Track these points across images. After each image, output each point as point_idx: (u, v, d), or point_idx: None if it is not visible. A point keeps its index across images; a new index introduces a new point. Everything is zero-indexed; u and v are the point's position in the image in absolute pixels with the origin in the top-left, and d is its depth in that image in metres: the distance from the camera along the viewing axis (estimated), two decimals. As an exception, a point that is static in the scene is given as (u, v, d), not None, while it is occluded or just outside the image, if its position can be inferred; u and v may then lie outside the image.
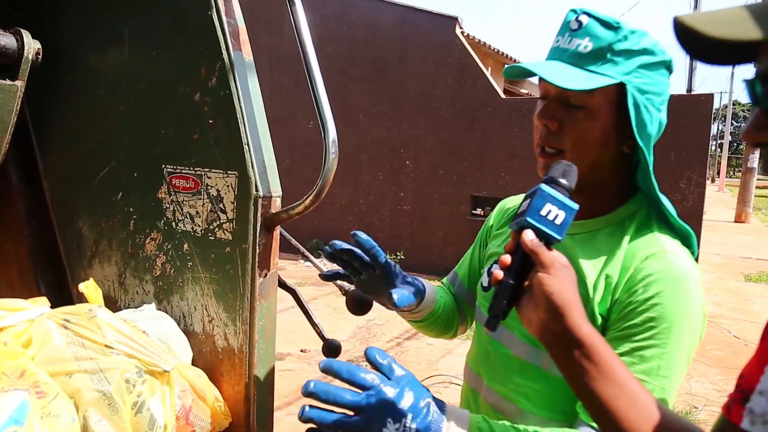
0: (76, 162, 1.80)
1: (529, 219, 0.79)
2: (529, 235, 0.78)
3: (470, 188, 8.39)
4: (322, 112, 1.25)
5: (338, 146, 1.26)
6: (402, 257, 8.59)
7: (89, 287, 1.20)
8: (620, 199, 1.07)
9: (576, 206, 0.81)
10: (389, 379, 0.82)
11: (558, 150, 1.02)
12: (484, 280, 1.23)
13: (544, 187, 0.82)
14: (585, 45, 0.98)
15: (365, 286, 1.24)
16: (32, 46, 1.68)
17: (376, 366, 0.85)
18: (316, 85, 1.26)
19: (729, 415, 0.68)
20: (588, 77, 0.97)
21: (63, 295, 1.88)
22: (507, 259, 0.79)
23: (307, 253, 1.51)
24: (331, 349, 1.39)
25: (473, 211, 8.46)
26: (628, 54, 0.98)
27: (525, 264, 0.79)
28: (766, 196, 29.79)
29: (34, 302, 1.14)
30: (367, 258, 1.18)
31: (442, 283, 1.45)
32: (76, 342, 1.04)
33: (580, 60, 0.99)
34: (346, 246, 1.18)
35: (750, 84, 0.58)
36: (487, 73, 8.38)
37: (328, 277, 1.27)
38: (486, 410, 1.13)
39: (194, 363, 1.42)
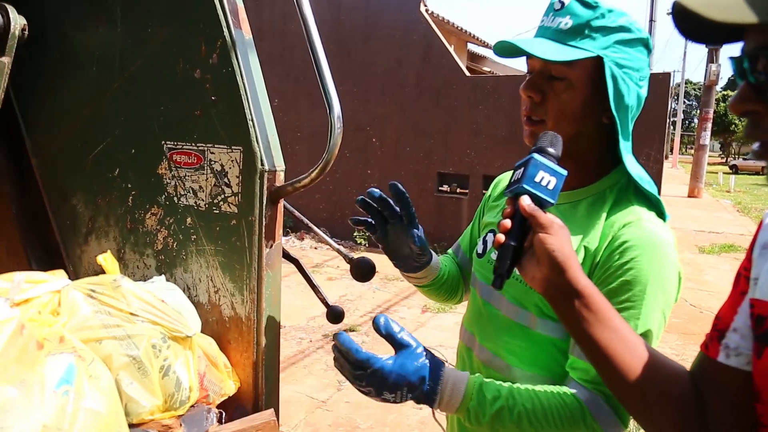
0: (66, 140, 1.80)
1: (525, 185, 0.87)
2: (526, 200, 0.86)
3: (436, 165, 8.51)
4: (327, 90, 1.31)
5: (306, 126, 1.33)
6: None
7: (107, 259, 1.24)
8: (602, 171, 1.15)
9: (565, 172, 0.90)
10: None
11: (541, 120, 1.10)
12: (479, 247, 1.32)
13: (536, 156, 0.90)
14: (566, 22, 1.07)
15: (390, 233, 1.34)
16: (18, 21, 1.67)
17: (388, 335, 0.98)
18: (321, 66, 1.31)
19: (707, 351, 0.78)
20: (567, 50, 1.05)
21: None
22: (507, 223, 0.88)
23: (310, 224, 1.57)
24: (335, 314, 1.46)
25: (440, 188, 8.58)
26: (605, 30, 1.06)
27: (523, 227, 0.87)
28: (716, 173, 30.94)
29: (53, 274, 1.18)
30: (397, 207, 1.30)
31: (447, 252, 1.53)
32: (103, 311, 1.09)
33: (561, 36, 1.07)
34: (381, 195, 1.32)
35: (737, 61, 0.67)
36: (452, 51, 8.45)
37: (358, 221, 1.35)
38: (478, 365, 1.23)
39: (201, 332, 1.47)
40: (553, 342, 1.10)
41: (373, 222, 1.33)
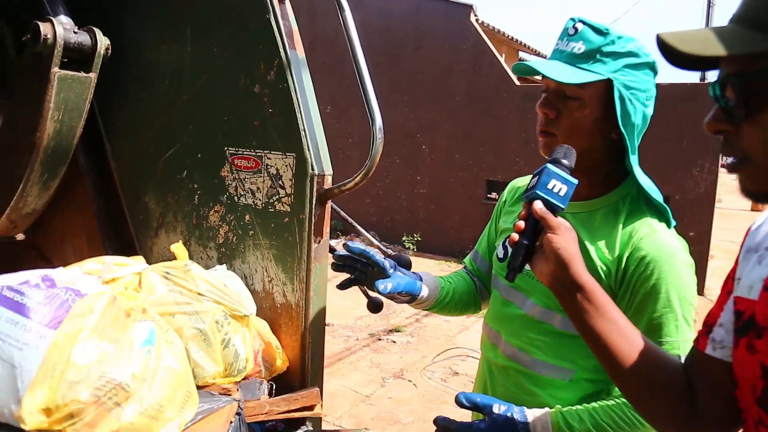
0: (141, 146, 2.04)
1: (538, 192, 1.00)
2: (538, 205, 0.99)
3: (485, 173, 8.59)
4: (370, 103, 1.47)
5: (357, 133, 1.49)
6: (419, 239, 8.84)
7: (179, 248, 1.45)
8: (613, 183, 1.26)
9: (575, 181, 1.03)
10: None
11: (554, 134, 1.22)
12: (499, 251, 1.43)
13: (549, 166, 1.04)
14: (579, 47, 1.19)
15: (366, 280, 1.44)
16: (103, 42, 1.92)
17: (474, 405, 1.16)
18: (364, 80, 1.48)
19: (697, 344, 0.88)
20: (579, 73, 1.17)
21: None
22: (521, 224, 1.01)
23: (355, 224, 1.74)
24: (375, 305, 1.61)
25: (488, 195, 8.65)
26: (615, 55, 1.18)
27: (536, 228, 1.00)
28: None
29: (134, 259, 1.39)
30: (363, 260, 1.40)
31: (464, 263, 1.64)
32: (176, 290, 1.29)
33: (574, 59, 1.19)
34: (343, 254, 1.43)
35: (711, 86, 0.78)
36: (502, 60, 8.52)
37: (343, 286, 1.47)
38: (504, 360, 1.34)
39: (256, 316, 1.66)
40: (574, 337, 1.22)
41: (351, 274, 1.43)
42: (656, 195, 1.22)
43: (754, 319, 0.72)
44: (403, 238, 9.08)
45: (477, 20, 8.71)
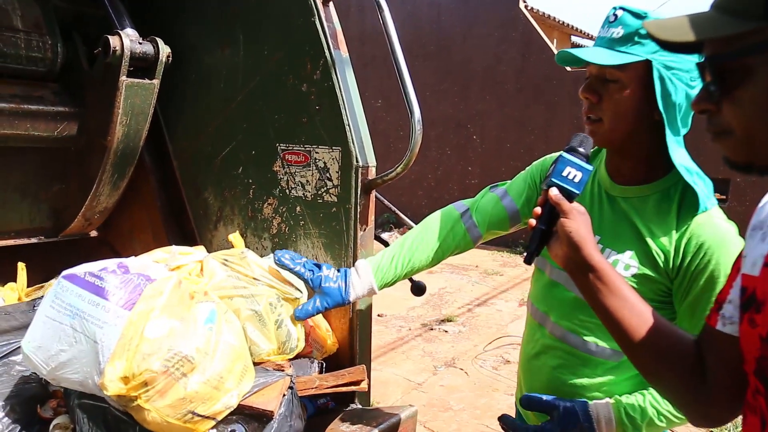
0: (200, 144, 2.19)
1: (553, 179, 1.07)
2: (553, 191, 1.06)
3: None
4: (408, 96, 1.56)
5: (408, 125, 1.57)
6: (470, 230, 8.86)
7: (236, 237, 1.59)
8: (664, 168, 1.27)
9: (590, 167, 1.08)
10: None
11: (598, 118, 1.25)
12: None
13: (564, 154, 1.10)
14: (618, 32, 1.22)
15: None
16: (165, 50, 2.07)
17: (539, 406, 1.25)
18: (402, 73, 1.57)
19: (709, 320, 0.91)
20: (617, 55, 1.20)
21: (192, 253, 2.29)
22: (538, 210, 1.08)
23: (399, 213, 1.83)
24: (418, 288, 1.70)
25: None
26: (653, 37, 1.21)
27: (552, 214, 1.06)
28: None
29: (197, 248, 1.53)
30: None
31: (468, 205, 1.52)
32: (233, 275, 1.42)
33: (613, 44, 1.23)
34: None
35: (699, 67, 0.81)
36: (552, 47, 8.40)
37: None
38: (551, 340, 1.37)
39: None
40: None
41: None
42: (697, 177, 1.22)
43: (755, 294, 0.76)
44: (456, 229, 9.10)
45: (526, 6, 8.62)
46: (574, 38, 13.88)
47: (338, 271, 1.41)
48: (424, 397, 3.93)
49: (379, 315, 5.46)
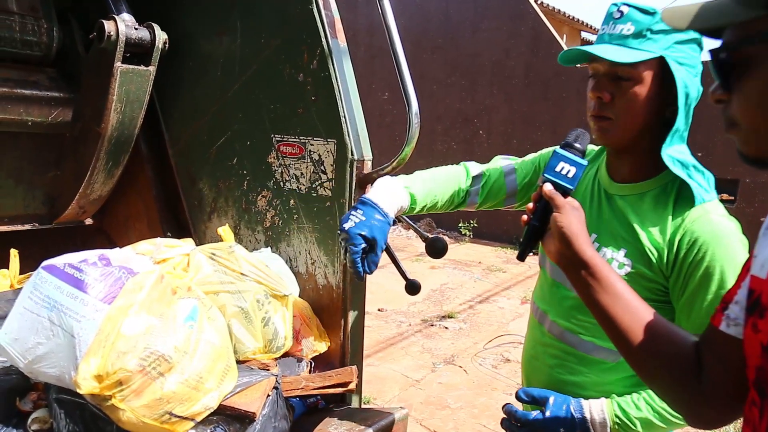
0: (196, 133, 2.14)
1: (546, 175, 1.04)
2: (547, 186, 1.02)
3: (543, 158, 8.43)
4: (406, 88, 1.50)
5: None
6: (475, 225, 8.80)
7: (225, 230, 1.54)
8: (662, 165, 1.22)
9: (585, 162, 1.04)
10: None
11: (609, 118, 1.21)
12: None
13: (558, 150, 1.07)
14: (628, 28, 1.18)
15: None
16: (161, 37, 2.02)
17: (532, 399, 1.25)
18: (400, 65, 1.51)
19: (713, 320, 0.88)
20: (633, 53, 1.16)
21: (186, 244, 2.26)
22: (531, 205, 1.05)
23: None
24: (412, 286, 1.66)
25: (546, 180, 8.49)
26: (665, 32, 1.16)
27: (547, 209, 1.03)
28: None
29: (184, 241, 1.48)
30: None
31: (474, 173, 1.53)
32: (221, 270, 1.38)
33: (624, 40, 1.18)
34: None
35: (712, 55, 0.78)
36: (562, 42, 8.30)
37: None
38: (549, 339, 1.36)
39: (299, 297, 1.73)
40: None
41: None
42: (684, 171, 1.19)
43: (761, 298, 0.73)
44: (459, 225, 9.06)
45: (536, 0, 8.51)
46: (584, 34, 13.74)
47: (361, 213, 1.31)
48: (422, 395, 3.89)
49: (379, 309, 5.42)
